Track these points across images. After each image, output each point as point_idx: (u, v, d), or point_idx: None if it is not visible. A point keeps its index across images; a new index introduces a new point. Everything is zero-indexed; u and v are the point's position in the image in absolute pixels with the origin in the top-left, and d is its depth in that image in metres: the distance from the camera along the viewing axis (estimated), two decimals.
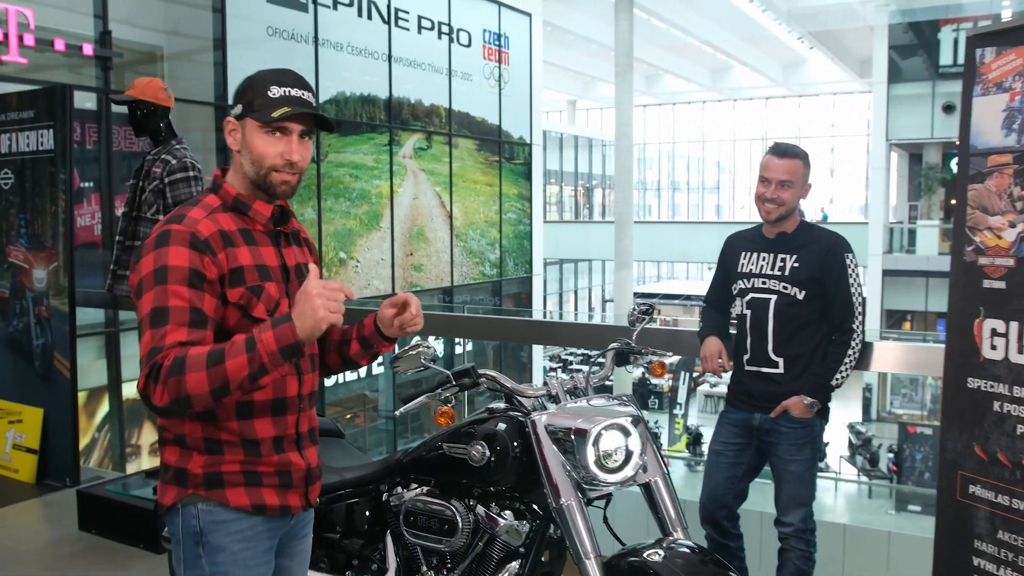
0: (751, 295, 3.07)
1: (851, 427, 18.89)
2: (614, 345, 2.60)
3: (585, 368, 2.60)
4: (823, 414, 3.05)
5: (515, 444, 2.28)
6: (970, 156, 2.41)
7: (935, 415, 20.06)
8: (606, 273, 33.30)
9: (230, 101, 8.75)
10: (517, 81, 16.14)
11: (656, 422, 20.59)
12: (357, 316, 2.20)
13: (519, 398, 2.34)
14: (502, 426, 2.31)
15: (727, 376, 3.22)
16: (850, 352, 2.92)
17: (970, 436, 2.41)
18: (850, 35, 26.49)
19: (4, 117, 4.76)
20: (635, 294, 24.13)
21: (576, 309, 35.26)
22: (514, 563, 2.31)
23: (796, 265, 2.99)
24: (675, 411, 20.77)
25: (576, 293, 34.94)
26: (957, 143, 2.45)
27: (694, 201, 42.04)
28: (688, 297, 29.53)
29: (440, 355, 14.09)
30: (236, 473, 1.86)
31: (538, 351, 17.75)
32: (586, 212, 38.84)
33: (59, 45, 8.54)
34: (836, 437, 18.79)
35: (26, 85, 6.82)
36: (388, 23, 12.92)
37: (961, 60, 2.64)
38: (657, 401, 22.94)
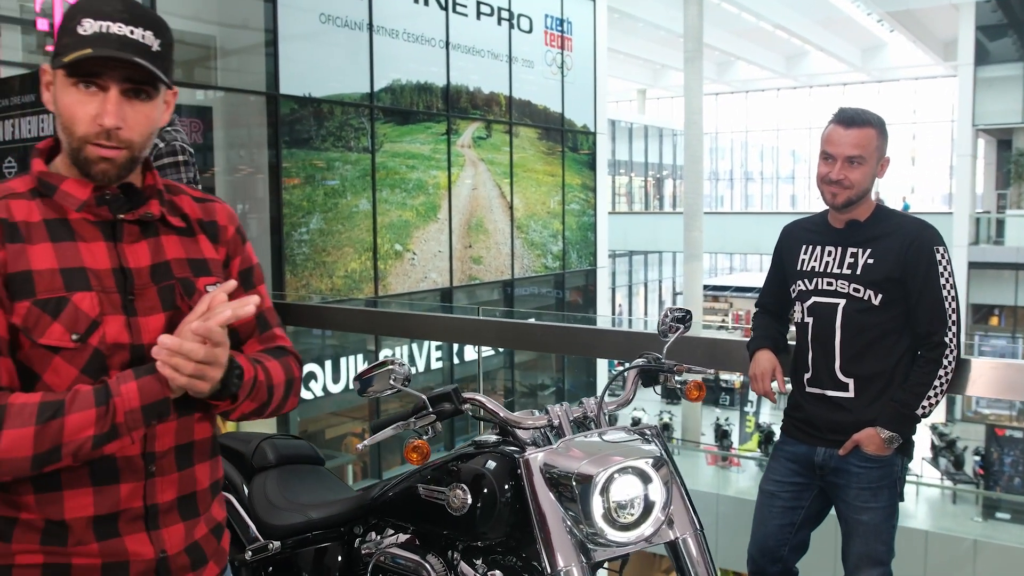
0: (813, 299, 2.46)
1: (934, 428, 17.96)
2: (638, 361, 2.08)
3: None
4: (905, 450, 2.42)
5: (506, 488, 1.80)
6: None
7: None
8: (677, 265, 32.51)
9: (281, 90, 8.60)
10: (581, 68, 15.64)
11: (727, 419, 19.94)
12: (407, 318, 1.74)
13: (514, 429, 1.87)
14: (491, 464, 1.84)
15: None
16: (941, 373, 2.30)
17: None
18: (933, 15, 25.20)
19: (7, 102, 4.53)
20: (705, 287, 23.47)
21: (646, 302, 34.56)
22: None
23: (870, 262, 2.38)
24: (746, 408, 20.08)
25: (646, 286, 34.31)
26: None
27: (768, 191, 40.89)
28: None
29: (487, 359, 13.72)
30: (33, 568, 1.33)
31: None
32: (656, 203, 38.11)
33: None
34: (918, 438, 17.95)
35: None
36: (445, 9, 12.58)
37: None
38: (728, 398, 22.24)
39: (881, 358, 2.38)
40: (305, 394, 10.62)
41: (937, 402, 2.33)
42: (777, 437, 2.69)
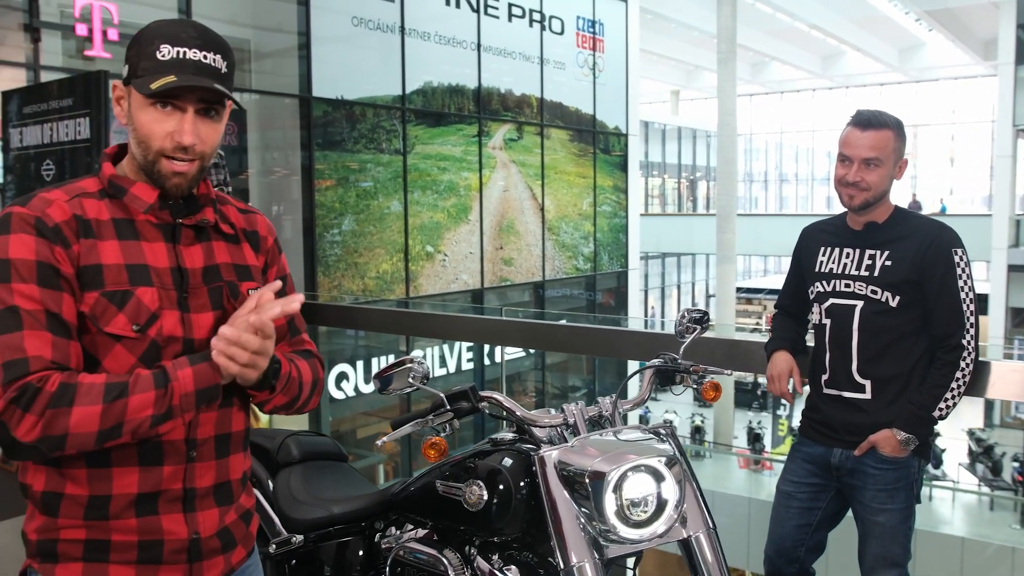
0: (831, 301, 2.45)
1: (971, 433, 17.68)
2: (655, 361, 2.08)
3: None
4: (922, 452, 2.38)
5: (521, 485, 1.82)
6: None
7: None
8: (710, 268, 32.31)
9: (313, 93, 8.70)
10: (613, 70, 15.62)
11: (759, 423, 19.78)
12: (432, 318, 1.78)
13: (531, 427, 1.89)
14: (507, 462, 1.86)
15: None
16: (958, 375, 2.27)
17: None
18: (973, 14, 24.84)
19: (46, 106, 4.65)
20: (738, 289, 23.29)
21: (679, 304, 34.39)
22: None
23: (888, 263, 2.36)
24: (779, 411, 19.90)
25: (679, 288, 34.15)
26: None
27: (803, 193, 40.51)
28: None
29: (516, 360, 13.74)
30: (76, 543, 1.43)
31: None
32: (690, 205, 37.93)
33: None
34: (955, 443, 17.67)
35: None
36: (477, 11, 12.63)
37: None
38: (760, 401, 22.06)
39: (898, 360, 2.37)
40: (336, 394, 10.71)
41: (954, 404, 2.30)
42: None
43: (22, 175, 5.14)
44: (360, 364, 10.99)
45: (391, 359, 12.02)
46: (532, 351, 14.01)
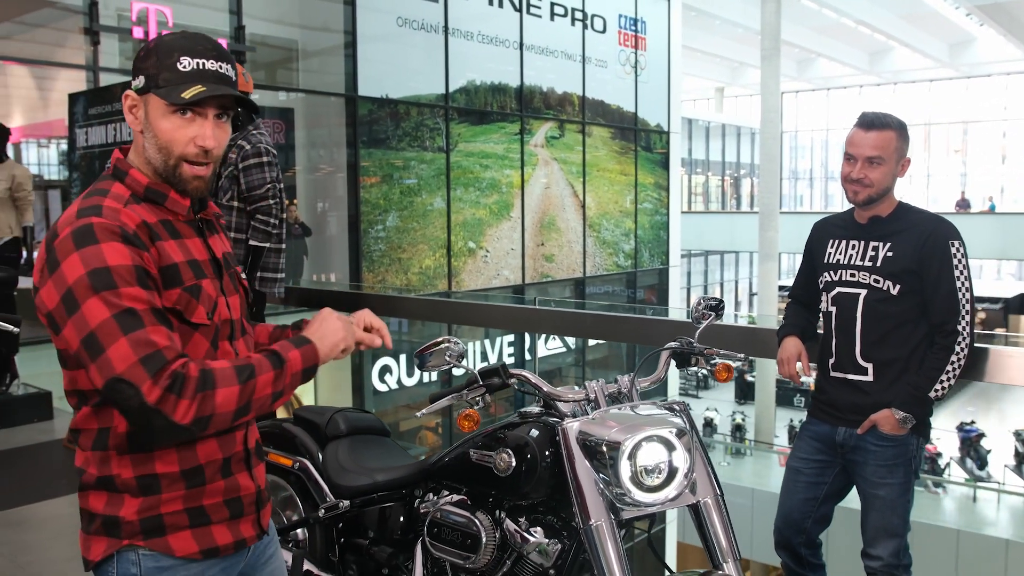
0: (837, 289, 2.64)
1: (1018, 434, 17.47)
2: (671, 344, 2.27)
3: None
4: (921, 431, 2.56)
5: (546, 453, 2.01)
6: None
7: None
8: (753, 266, 32.15)
9: (359, 92, 8.94)
10: (655, 67, 15.68)
11: (801, 421, 19.68)
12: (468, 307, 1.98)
13: (556, 402, 2.08)
14: (534, 433, 2.05)
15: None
16: (953, 359, 2.45)
17: None
18: None
19: (109, 108, 4.92)
20: (781, 287, 23.17)
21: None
22: None
23: (890, 255, 2.54)
24: None
25: (722, 286, 34.02)
26: None
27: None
28: None
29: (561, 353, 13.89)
30: (179, 513, 1.59)
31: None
32: (733, 202, 37.73)
33: None
34: (1001, 444, 17.47)
35: None
36: (519, 11, 12.79)
37: None
38: (803, 399, 21.94)
39: (899, 345, 2.54)
40: (380, 386, 10.98)
41: (950, 386, 2.46)
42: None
43: (87, 172, 5.43)
44: (403, 358, 11.23)
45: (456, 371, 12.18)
46: (572, 347, 14.17)
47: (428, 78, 11.48)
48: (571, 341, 13.86)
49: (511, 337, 12.98)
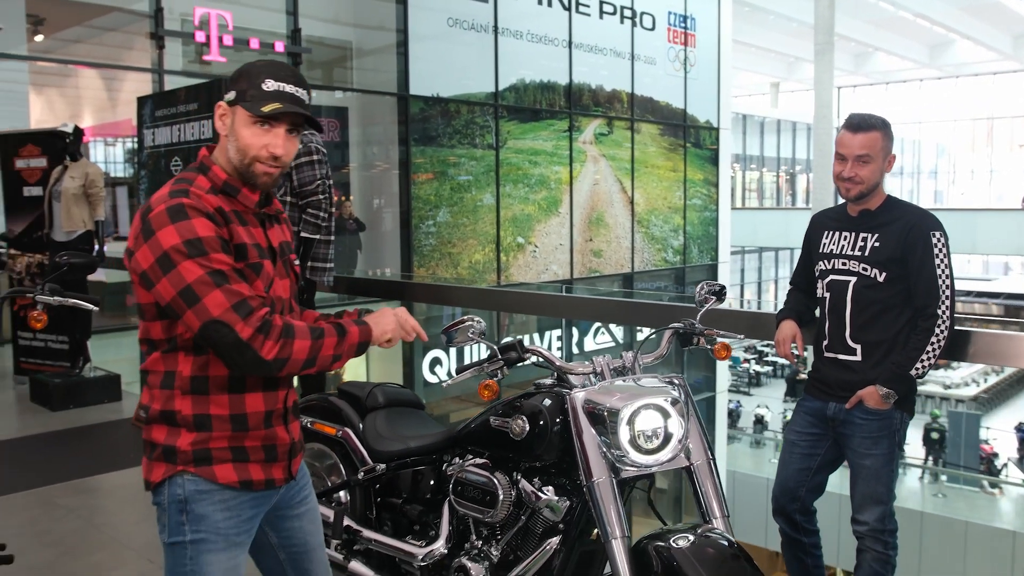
0: (830, 277, 2.87)
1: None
2: (674, 324, 2.52)
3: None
4: (905, 406, 2.79)
5: (556, 420, 2.27)
6: None
7: None
8: None
9: (411, 90, 9.22)
10: (704, 63, 15.72)
11: None
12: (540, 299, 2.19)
13: (566, 374, 2.33)
14: (546, 402, 2.31)
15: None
16: (933, 340, 2.66)
17: None
18: None
19: (175, 110, 5.26)
20: None
21: (776, 299, 34.00)
22: (554, 539, 2.30)
23: (877, 245, 2.77)
24: None
25: (776, 283, 33.75)
26: None
27: (908, 187, 39.35)
28: None
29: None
30: (224, 449, 1.90)
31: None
32: (788, 199, 37.37)
33: (254, 44, 9.26)
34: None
35: None
36: (568, 9, 12.97)
37: None
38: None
39: (885, 328, 2.76)
40: (430, 378, 11.29)
41: (930, 365, 2.68)
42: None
43: (154, 170, 5.80)
44: (452, 351, 11.50)
45: (482, 348, 12.51)
46: (621, 341, 14.33)
47: (478, 77, 11.73)
48: (619, 335, 14.03)
49: (558, 332, 13.21)
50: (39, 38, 10.50)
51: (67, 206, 6.34)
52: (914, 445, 17.69)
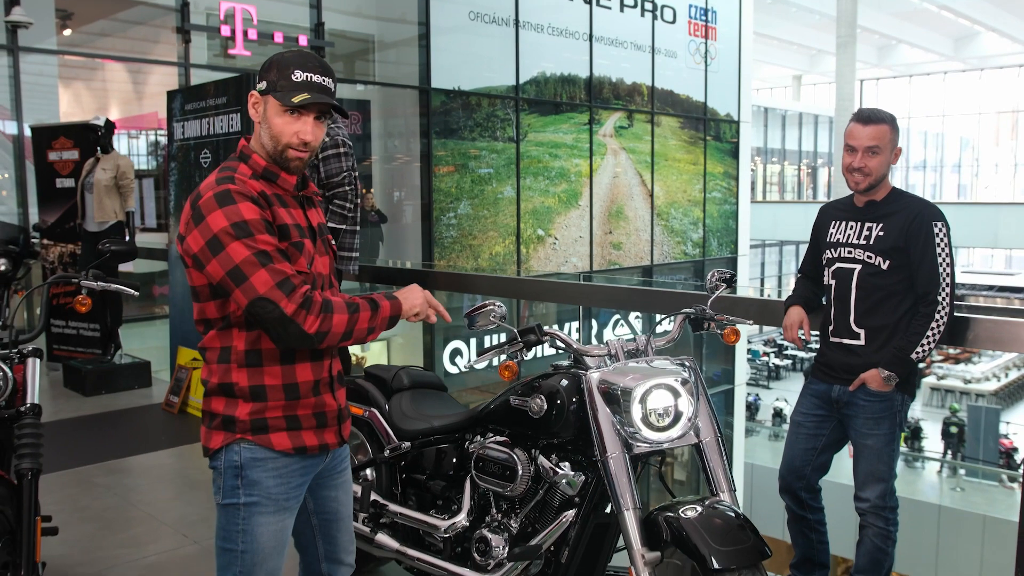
0: (837, 265, 2.99)
1: None
2: (686, 310, 2.64)
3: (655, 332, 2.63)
4: (906, 389, 2.91)
5: (573, 399, 2.39)
6: None
7: None
8: None
9: (432, 84, 9.36)
10: (725, 57, 15.73)
11: None
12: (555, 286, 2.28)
13: (583, 356, 2.45)
14: (563, 382, 2.44)
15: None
16: (934, 325, 2.77)
17: None
18: None
19: (203, 103, 5.40)
20: None
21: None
22: (570, 512, 2.43)
23: (881, 234, 2.88)
24: None
25: (796, 276, 33.59)
26: None
27: (931, 180, 39.08)
28: None
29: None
30: (279, 418, 2.04)
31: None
32: (810, 192, 37.21)
33: (278, 37, 9.41)
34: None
35: None
36: (589, 3, 13.03)
37: None
38: None
39: (887, 313, 2.88)
40: (451, 368, 11.43)
41: (930, 349, 2.80)
42: (925, 432, 3.15)
43: (183, 162, 5.95)
44: (473, 341, 11.63)
45: (502, 338, 12.64)
46: (639, 331, 14.38)
47: (499, 70, 11.83)
48: (637, 326, 14.12)
49: (576, 323, 13.32)
50: (67, 32, 10.69)
51: (99, 197, 6.51)
52: (933, 439, 17.66)
